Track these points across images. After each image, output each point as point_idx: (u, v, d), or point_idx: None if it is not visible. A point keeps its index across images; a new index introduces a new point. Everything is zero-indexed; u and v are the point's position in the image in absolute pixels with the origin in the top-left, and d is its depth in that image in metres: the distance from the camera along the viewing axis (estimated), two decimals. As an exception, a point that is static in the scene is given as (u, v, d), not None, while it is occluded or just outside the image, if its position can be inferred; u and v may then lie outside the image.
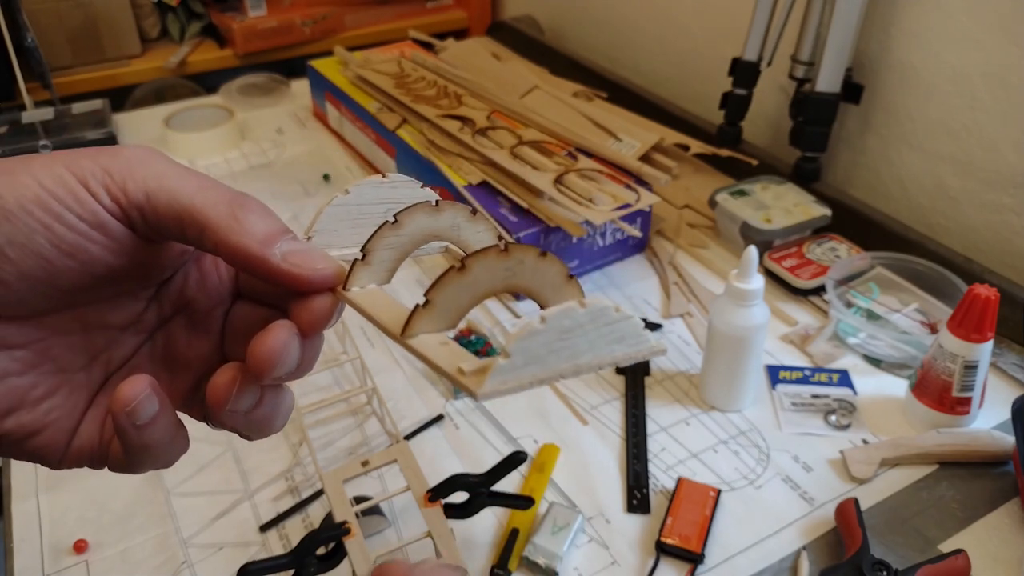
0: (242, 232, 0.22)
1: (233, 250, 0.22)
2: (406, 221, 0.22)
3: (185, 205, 0.21)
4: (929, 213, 0.74)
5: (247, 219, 0.22)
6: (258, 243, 0.22)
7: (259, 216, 0.22)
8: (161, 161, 0.22)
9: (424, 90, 0.84)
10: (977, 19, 0.65)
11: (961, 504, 0.49)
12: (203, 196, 0.22)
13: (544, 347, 0.17)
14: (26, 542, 0.47)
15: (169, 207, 0.21)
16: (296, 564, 0.39)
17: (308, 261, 0.22)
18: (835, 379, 0.58)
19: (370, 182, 0.23)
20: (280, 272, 0.22)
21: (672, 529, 0.46)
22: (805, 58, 0.74)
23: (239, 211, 0.22)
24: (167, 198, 0.21)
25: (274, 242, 0.22)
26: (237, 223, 0.22)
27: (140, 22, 1.18)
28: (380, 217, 0.23)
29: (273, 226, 0.23)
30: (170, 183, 0.22)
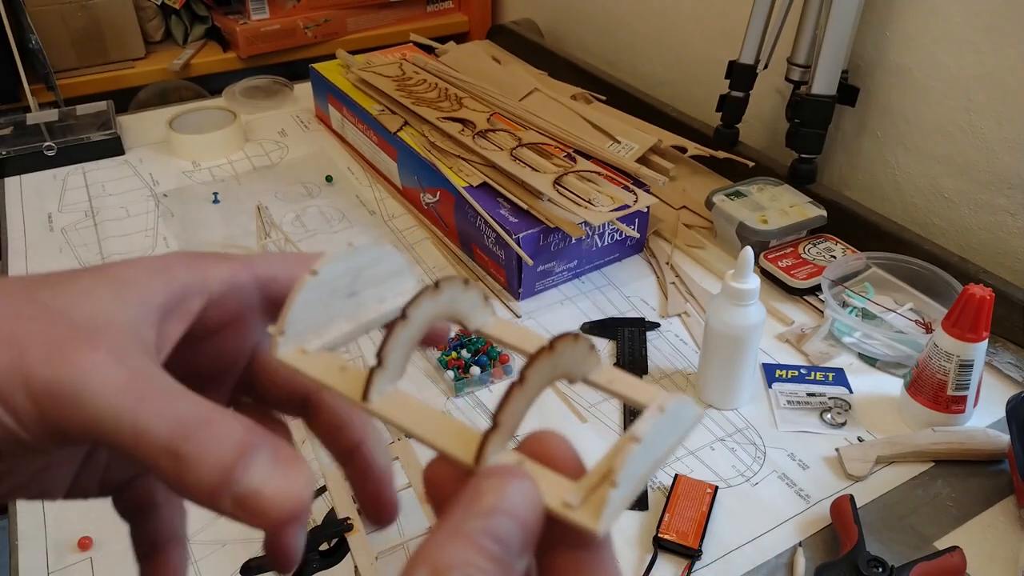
0: (184, 487, 0.18)
1: (179, 495, 0.18)
2: (414, 314, 0.20)
3: (127, 452, 0.18)
4: (924, 214, 0.74)
5: (187, 465, 0.17)
6: (205, 496, 0.18)
7: (203, 452, 0.18)
8: (97, 386, 0.17)
9: (425, 93, 0.85)
10: (971, 21, 0.66)
11: (956, 502, 0.49)
12: (141, 443, 0.17)
13: (640, 463, 0.17)
14: (31, 539, 0.48)
15: (111, 447, 0.18)
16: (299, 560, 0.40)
17: (263, 506, 0.18)
18: (831, 378, 0.58)
19: (336, 256, 0.21)
20: (238, 519, 0.18)
21: (670, 525, 0.46)
22: (801, 61, 0.75)
23: (176, 461, 0.17)
24: (109, 442, 0.18)
25: (222, 491, 0.18)
26: (177, 476, 0.17)
27: (144, 24, 1.19)
28: (351, 292, 0.21)
29: (220, 462, 0.18)
30: (109, 427, 0.17)
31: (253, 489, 0.18)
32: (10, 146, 0.87)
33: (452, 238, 0.75)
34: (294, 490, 0.18)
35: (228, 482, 0.18)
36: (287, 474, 0.18)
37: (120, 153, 0.91)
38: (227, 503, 0.18)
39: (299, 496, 0.18)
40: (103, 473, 0.23)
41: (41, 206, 0.82)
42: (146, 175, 0.88)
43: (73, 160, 0.89)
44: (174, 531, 0.25)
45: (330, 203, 0.82)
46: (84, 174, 0.88)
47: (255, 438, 0.18)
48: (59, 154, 0.88)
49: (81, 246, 0.76)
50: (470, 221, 0.70)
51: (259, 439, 0.18)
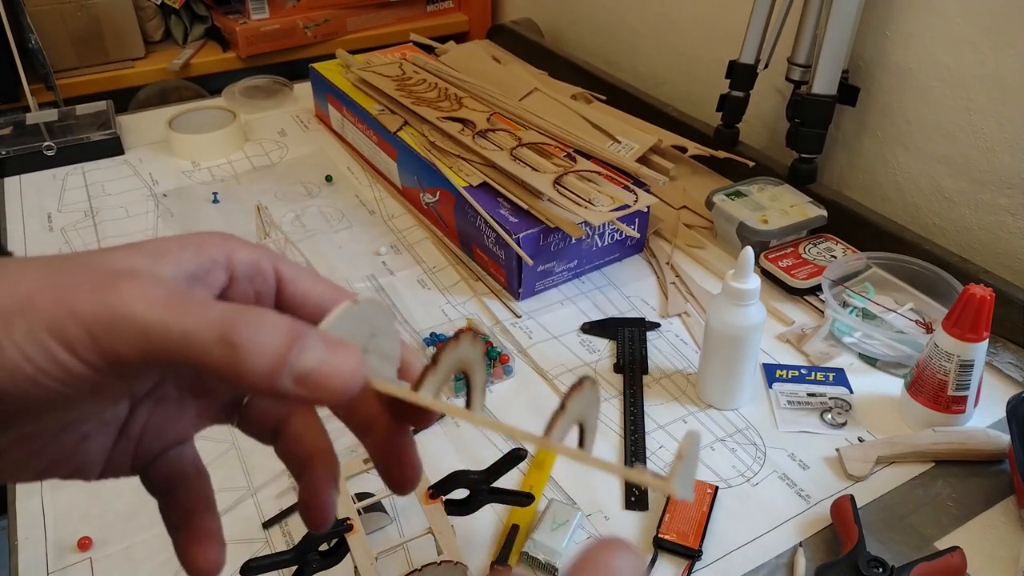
0: (242, 373, 0.19)
1: (242, 390, 0.20)
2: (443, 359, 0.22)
3: (180, 359, 0.19)
4: (924, 214, 0.74)
5: (242, 353, 0.19)
6: (265, 379, 0.19)
7: (255, 338, 0.19)
8: (143, 306, 0.18)
9: (425, 92, 0.85)
10: (972, 21, 0.66)
11: (957, 502, 0.49)
12: (192, 343, 0.18)
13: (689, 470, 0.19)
14: (30, 540, 0.48)
15: (165, 361, 0.19)
16: (298, 560, 0.40)
17: (325, 378, 0.19)
18: (831, 378, 0.58)
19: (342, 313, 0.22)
20: (297, 400, 0.19)
21: (670, 526, 0.46)
22: (801, 61, 0.75)
23: (231, 350, 0.18)
24: (162, 355, 0.19)
25: (281, 370, 0.19)
26: (234, 364, 0.19)
27: (143, 24, 1.19)
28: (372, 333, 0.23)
29: (273, 346, 0.19)
30: (159, 338, 0.18)
31: (313, 366, 0.19)
32: (10, 146, 0.87)
33: (452, 238, 0.75)
34: (351, 364, 0.20)
35: (286, 362, 0.19)
36: (340, 352, 0.20)
37: (120, 153, 0.91)
38: (287, 382, 0.19)
39: (356, 367, 0.20)
40: (135, 448, 0.24)
41: (41, 206, 0.82)
42: (146, 175, 0.88)
43: (73, 160, 0.89)
44: (206, 499, 0.25)
45: (330, 203, 0.82)
46: (84, 174, 0.88)
47: (302, 325, 0.20)
48: (59, 154, 0.88)
49: (81, 246, 0.76)
50: (470, 221, 0.70)
51: (305, 327, 0.20)
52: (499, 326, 0.65)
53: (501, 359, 0.59)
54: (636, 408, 0.56)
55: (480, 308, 0.67)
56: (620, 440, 0.54)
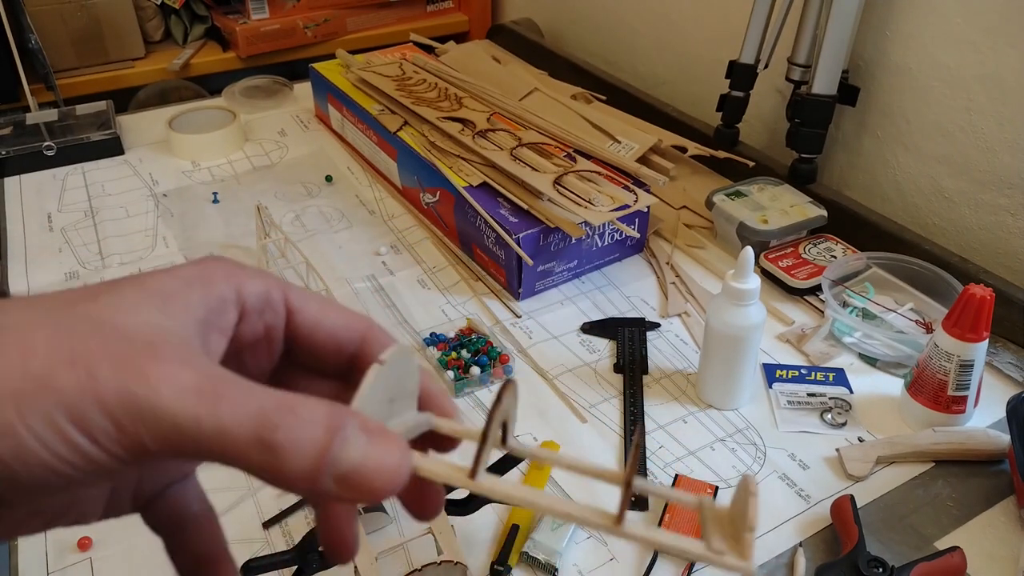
0: (281, 476, 0.18)
1: (275, 486, 0.18)
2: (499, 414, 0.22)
3: (213, 455, 0.18)
4: (924, 214, 0.74)
5: (281, 456, 0.17)
6: (305, 482, 0.18)
7: (294, 438, 0.17)
8: (170, 394, 0.17)
9: (425, 92, 0.85)
10: (972, 21, 0.66)
11: (957, 502, 0.49)
12: (226, 442, 0.17)
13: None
14: (30, 539, 0.48)
15: (195, 454, 0.18)
16: (299, 560, 0.40)
17: (369, 479, 0.18)
18: (831, 378, 0.58)
19: (375, 380, 0.21)
20: (339, 500, 0.18)
21: (670, 526, 0.46)
22: (801, 61, 0.75)
23: (269, 453, 0.17)
24: (192, 449, 0.17)
25: (322, 472, 0.18)
26: (272, 468, 0.17)
27: (143, 24, 1.19)
28: (391, 398, 0.22)
29: (314, 445, 0.18)
30: (190, 434, 0.17)
31: (354, 466, 0.18)
32: (10, 146, 0.87)
33: (452, 238, 0.75)
34: (393, 459, 0.19)
35: (326, 463, 0.18)
36: (382, 444, 0.19)
37: (120, 153, 0.91)
38: (329, 484, 0.18)
39: (399, 463, 0.19)
40: (135, 488, 0.23)
41: (41, 206, 0.82)
42: (146, 175, 0.88)
43: (73, 160, 0.89)
44: (218, 546, 0.24)
45: (330, 203, 0.82)
46: (84, 174, 0.88)
47: (340, 414, 0.18)
48: (59, 154, 0.88)
49: (81, 246, 0.76)
50: (470, 221, 0.70)
51: (344, 415, 0.18)
52: (499, 326, 0.65)
53: (501, 359, 0.59)
54: (636, 408, 0.56)
55: (480, 308, 0.67)
56: (620, 440, 0.54)
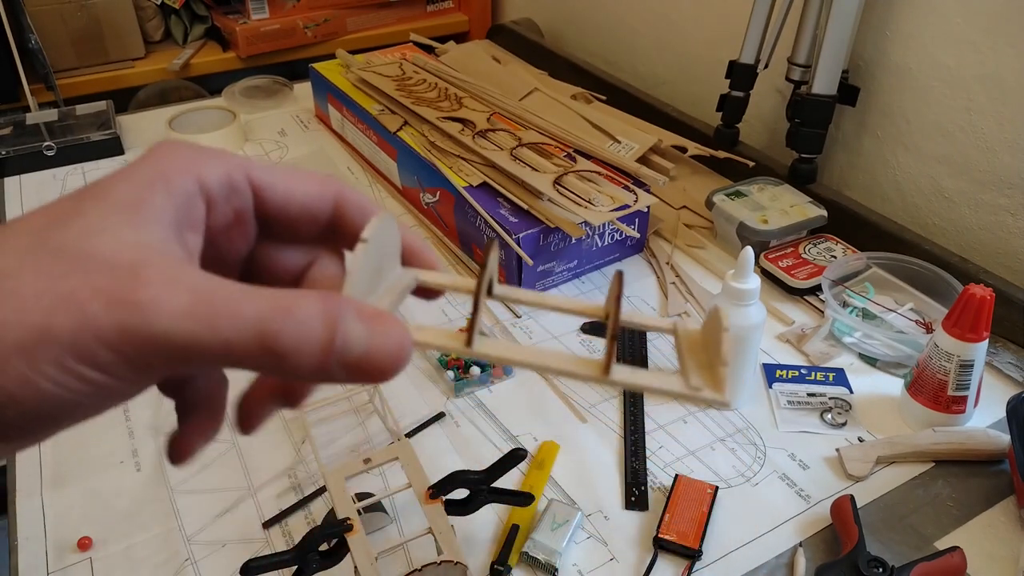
0: (290, 376, 0.18)
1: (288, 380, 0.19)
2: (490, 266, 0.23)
3: (218, 362, 0.18)
4: (924, 214, 0.74)
5: (288, 360, 0.18)
6: (314, 376, 0.18)
7: (296, 340, 0.18)
8: (167, 311, 0.17)
9: (425, 92, 0.85)
10: (971, 21, 0.66)
11: (957, 502, 0.49)
12: (231, 353, 0.18)
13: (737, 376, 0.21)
14: (30, 539, 0.48)
15: (200, 365, 0.18)
16: (299, 560, 0.40)
17: (374, 364, 0.19)
18: (831, 378, 0.58)
19: (363, 258, 0.21)
20: (349, 381, 0.19)
21: (670, 526, 0.46)
22: (801, 61, 0.75)
23: (274, 357, 0.18)
24: (197, 362, 0.18)
25: (328, 367, 0.18)
26: (280, 370, 0.18)
27: (143, 24, 1.18)
28: (378, 267, 0.22)
29: (317, 343, 0.18)
30: (194, 350, 0.17)
31: (359, 355, 0.19)
32: (10, 146, 0.87)
33: (452, 238, 0.75)
34: (394, 340, 0.19)
35: (331, 357, 0.18)
36: (381, 328, 0.19)
37: (120, 153, 0.91)
38: (338, 372, 0.19)
39: (400, 343, 0.19)
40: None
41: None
42: (146, 175, 0.88)
43: (73, 160, 0.89)
44: (212, 399, 0.24)
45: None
46: (84, 174, 0.88)
47: (336, 306, 0.19)
48: (59, 154, 0.88)
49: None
50: (470, 221, 0.70)
51: (340, 306, 0.19)
52: (499, 326, 0.65)
53: (501, 359, 0.59)
54: (636, 408, 0.56)
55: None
56: (620, 440, 0.54)
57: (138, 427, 0.55)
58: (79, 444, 0.54)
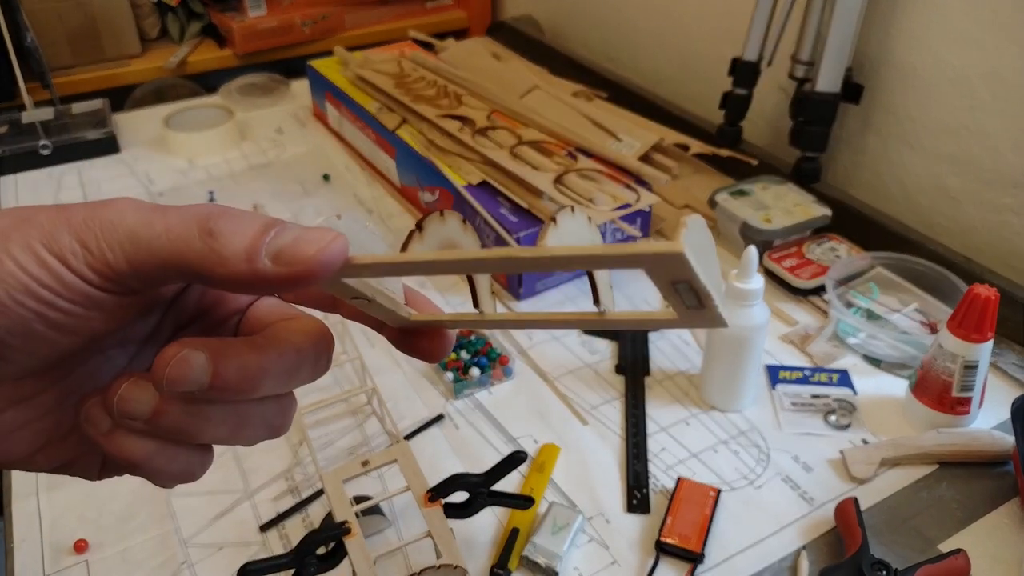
0: (222, 259, 0.19)
1: (224, 282, 0.20)
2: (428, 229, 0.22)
3: (164, 257, 0.20)
4: (929, 213, 0.74)
5: (221, 240, 0.19)
6: (244, 262, 0.19)
7: (232, 227, 0.20)
8: (131, 213, 0.20)
9: (424, 90, 0.84)
10: (976, 19, 0.65)
11: (961, 504, 0.49)
12: (174, 237, 0.20)
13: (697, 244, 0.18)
14: (27, 542, 0.47)
15: (151, 264, 0.20)
16: (296, 564, 0.39)
17: (302, 250, 0.19)
18: (835, 379, 0.58)
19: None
20: (279, 280, 0.19)
21: (672, 529, 0.46)
22: (805, 58, 0.74)
23: (210, 238, 0.19)
24: (146, 256, 0.20)
25: (258, 250, 0.19)
26: (213, 252, 0.19)
27: (140, 22, 1.18)
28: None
29: (251, 230, 0.20)
30: (145, 237, 0.20)
31: (288, 241, 0.20)
32: (5, 145, 0.87)
33: (452, 237, 0.74)
34: (328, 235, 0.20)
35: (262, 242, 0.20)
36: (317, 230, 0.20)
37: (116, 151, 0.91)
38: (266, 263, 0.19)
39: (335, 236, 0.20)
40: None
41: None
42: (142, 174, 0.87)
43: (68, 159, 0.88)
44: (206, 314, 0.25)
45: (327, 202, 0.82)
46: (79, 173, 0.87)
47: (279, 220, 0.20)
48: (55, 153, 0.87)
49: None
50: (470, 220, 0.69)
51: (280, 221, 0.20)
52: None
53: (501, 360, 0.58)
54: (638, 410, 0.55)
55: (480, 308, 0.66)
56: (621, 442, 0.53)
57: (134, 429, 0.55)
58: (75, 446, 0.54)
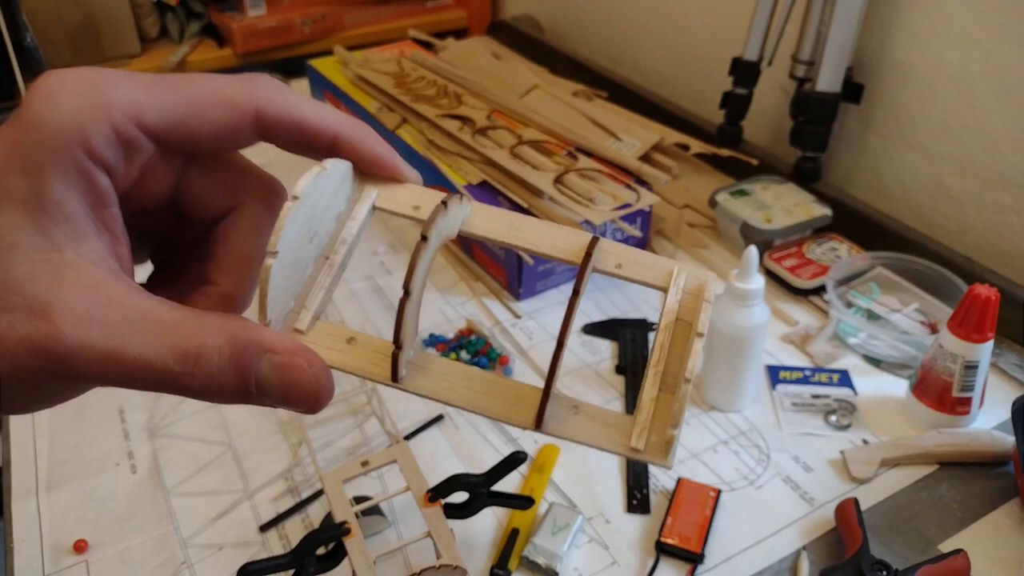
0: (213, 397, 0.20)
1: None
2: (432, 235, 0.21)
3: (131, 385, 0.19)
4: (929, 213, 0.74)
5: (199, 394, 0.19)
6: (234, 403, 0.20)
7: (208, 381, 0.19)
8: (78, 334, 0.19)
9: (424, 90, 0.84)
10: (977, 19, 0.65)
11: (961, 504, 0.49)
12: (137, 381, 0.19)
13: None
14: (26, 542, 0.47)
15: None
16: (296, 564, 0.39)
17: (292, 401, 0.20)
18: (835, 379, 0.58)
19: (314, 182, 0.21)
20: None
21: (672, 529, 0.46)
22: (806, 57, 0.74)
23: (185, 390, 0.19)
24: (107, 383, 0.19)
25: (246, 399, 0.20)
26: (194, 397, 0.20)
27: (139, 21, 1.18)
28: (311, 235, 0.22)
29: (232, 385, 0.19)
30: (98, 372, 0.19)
31: (277, 397, 0.19)
32: (5, 143, 0.86)
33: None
34: (309, 380, 0.20)
35: (249, 398, 0.19)
36: (295, 368, 0.19)
37: (117, 150, 0.90)
38: (257, 402, 0.20)
39: (317, 382, 0.20)
40: None
41: (37, 204, 0.81)
42: (143, 173, 0.87)
43: (69, 158, 0.88)
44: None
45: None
46: (80, 172, 0.87)
47: (242, 347, 0.19)
48: (55, 151, 0.87)
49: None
50: (470, 220, 0.69)
51: (246, 343, 0.19)
52: (499, 327, 0.64)
53: (501, 360, 0.58)
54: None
55: (479, 308, 0.66)
56: (621, 442, 0.53)
57: (134, 429, 0.55)
58: (75, 446, 0.54)
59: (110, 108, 0.20)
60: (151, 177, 0.22)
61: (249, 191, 0.24)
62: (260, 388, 0.19)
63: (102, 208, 0.20)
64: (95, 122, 0.19)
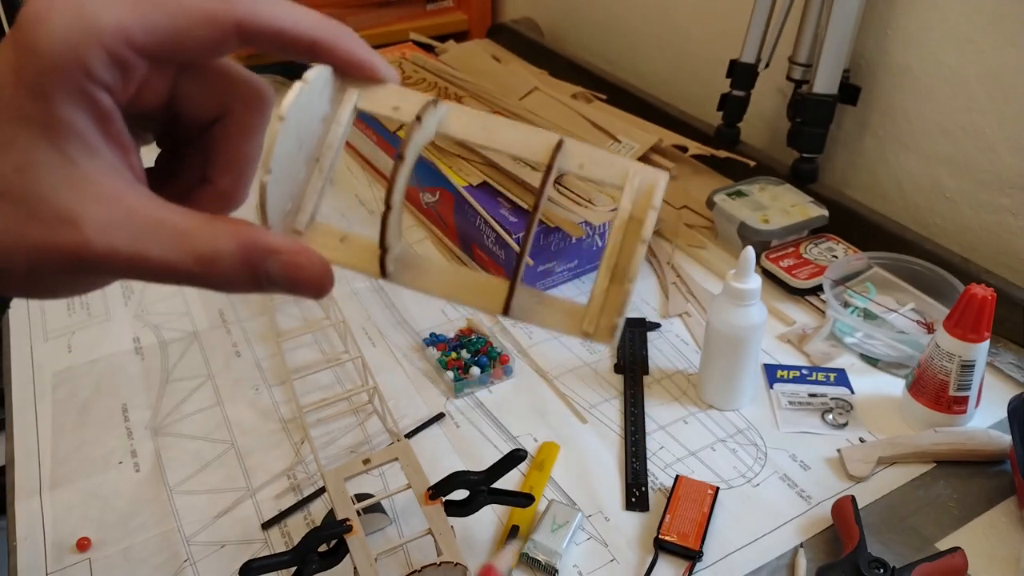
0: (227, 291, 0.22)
1: None
2: (408, 152, 0.23)
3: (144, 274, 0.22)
4: (926, 213, 0.74)
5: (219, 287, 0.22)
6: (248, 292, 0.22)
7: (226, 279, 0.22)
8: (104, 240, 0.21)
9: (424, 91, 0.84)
10: (973, 20, 0.66)
11: (958, 502, 0.49)
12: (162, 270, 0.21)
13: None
14: (29, 540, 0.48)
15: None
16: (298, 561, 0.40)
17: (300, 289, 0.22)
18: (832, 378, 0.58)
19: (296, 98, 0.22)
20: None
21: (670, 527, 0.46)
22: (802, 60, 0.74)
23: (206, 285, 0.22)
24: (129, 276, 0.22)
25: (259, 289, 0.22)
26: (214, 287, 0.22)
27: (142, 24, 1.18)
28: (300, 142, 0.23)
29: (246, 281, 0.22)
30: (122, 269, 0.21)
31: (285, 286, 0.22)
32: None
33: (452, 238, 0.75)
34: (313, 272, 0.22)
35: (261, 288, 0.22)
36: (299, 264, 0.22)
37: (119, 152, 0.91)
38: (268, 291, 0.22)
39: (320, 273, 0.22)
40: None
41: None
42: (145, 174, 0.88)
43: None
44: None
45: (328, 203, 0.82)
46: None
47: (251, 250, 0.22)
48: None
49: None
50: (470, 221, 0.70)
51: (254, 247, 0.22)
52: (499, 326, 0.64)
53: (501, 359, 0.59)
54: (636, 409, 0.56)
55: (480, 308, 0.67)
56: (620, 440, 0.53)
57: (137, 427, 0.55)
58: (78, 445, 0.54)
59: (101, 33, 0.21)
60: (147, 88, 0.23)
61: (237, 96, 0.26)
62: (270, 281, 0.22)
63: (108, 123, 0.22)
64: (90, 47, 0.21)
